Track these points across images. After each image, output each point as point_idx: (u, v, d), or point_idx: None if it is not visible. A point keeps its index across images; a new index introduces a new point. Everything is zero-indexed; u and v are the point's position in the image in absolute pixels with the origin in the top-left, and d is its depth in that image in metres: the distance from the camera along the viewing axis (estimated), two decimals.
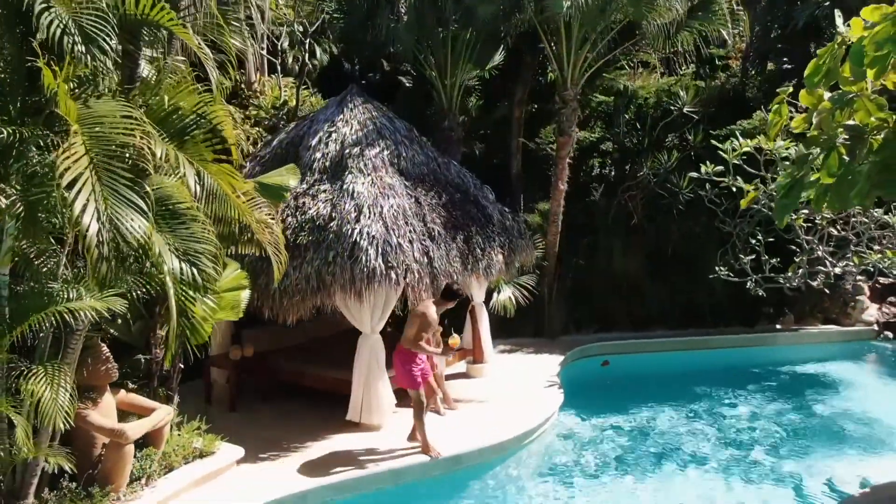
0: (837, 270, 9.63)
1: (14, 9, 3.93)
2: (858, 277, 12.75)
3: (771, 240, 10.71)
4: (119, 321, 6.52)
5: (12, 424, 4.92)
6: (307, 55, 15.71)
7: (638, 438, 8.78)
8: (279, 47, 16.01)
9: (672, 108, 13.35)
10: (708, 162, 10.71)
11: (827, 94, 4.36)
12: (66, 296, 4.74)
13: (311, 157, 8.54)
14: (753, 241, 10.64)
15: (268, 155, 9.06)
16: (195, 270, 4.07)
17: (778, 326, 13.45)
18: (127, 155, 3.86)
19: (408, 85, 15.75)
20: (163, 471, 6.11)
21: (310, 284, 7.44)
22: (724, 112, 13.34)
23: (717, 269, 10.84)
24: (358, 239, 7.41)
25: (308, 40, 15.47)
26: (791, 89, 4.80)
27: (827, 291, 11.54)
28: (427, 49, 11.72)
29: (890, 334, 13.34)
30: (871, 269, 9.78)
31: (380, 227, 7.56)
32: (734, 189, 10.00)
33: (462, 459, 7.34)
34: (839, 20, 3.92)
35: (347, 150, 8.45)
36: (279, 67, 15.93)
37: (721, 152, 10.11)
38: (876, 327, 13.51)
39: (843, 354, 12.78)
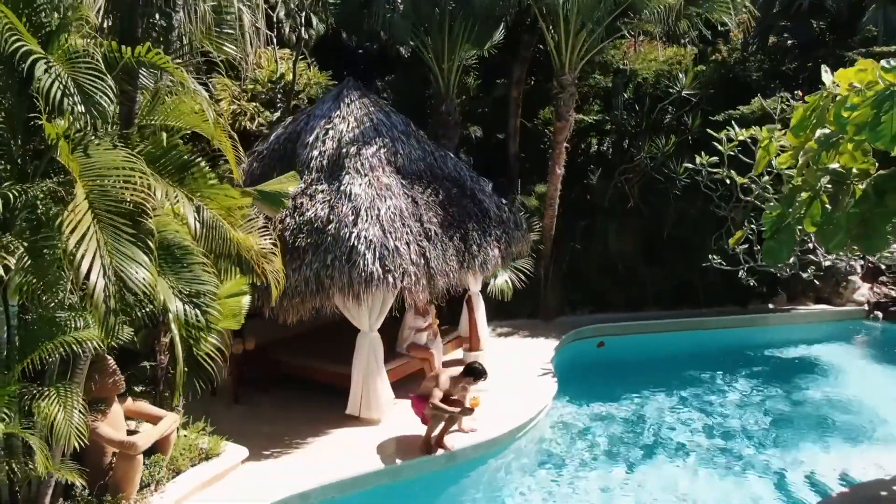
0: (828, 263, 9.79)
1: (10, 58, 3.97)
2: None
3: (764, 228, 10.86)
4: None
5: (28, 443, 5.14)
6: (303, 29, 15.52)
7: (628, 428, 9.07)
8: (275, 17, 15.79)
9: (671, 90, 13.28)
10: (703, 153, 10.79)
11: (818, 132, 4.44)
12: (73, 325, 4.91)
13: (308, 155, 8.61)
14: (746, 230, 10.74)
15: (266, 151, 9.11)
16: (198, 312, 4.24)
17: (770, 306, 13.68)
18: (128, 202, 3.96)
19: (406, 55, 15.59)
20: (171, 475, 6.37)
21: (309, 287, 7.62)
22: (724, 93, 13.28)
23: (710, 257, 10.99)
24: (355, 243, 7.54)
25: (304, 12, 15.23)
26: (779, 126, 4.88)
27: (817, 283, 11.74)
28: (423, 33, 11.62)
29: (880, 314, 13.57)
30: (862, 260, 9.94)
31: (377, 230, 7.68)
32: (728, 181, 10.09)
33: (457, 455, 7.62)
34: (826, 76, 3.98)
35: (345, 149, 8.50)
36: (275, 39, 15.74)
37: (716, 143, 10.16)
38: (866, 307, 13.74)
39: (834, 335, 13.04)
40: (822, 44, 13.52)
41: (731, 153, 10.07)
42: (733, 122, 10.60)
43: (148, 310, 4.03)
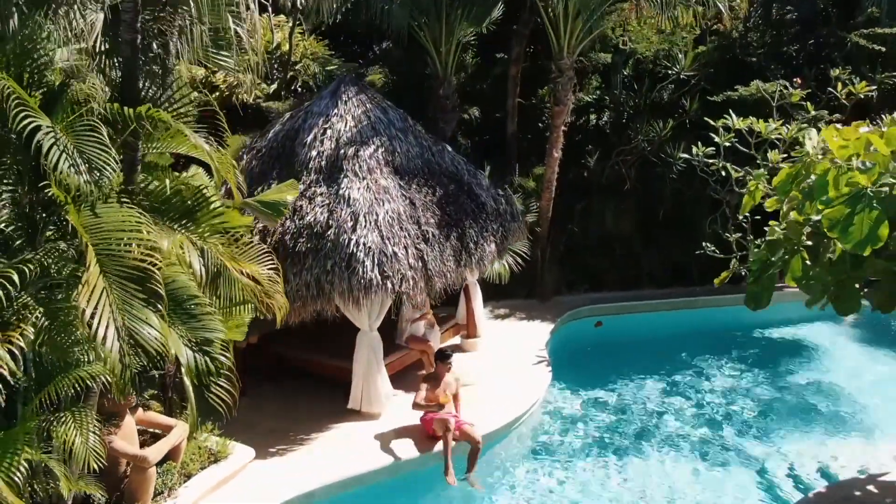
0: None
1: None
2: None
3: (758, 217, 11.01)
4: None
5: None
6: None
7: (619, 416, 9.45)
8: None
9: (670, 72, 13.21)
10: (701, 136, 10.85)
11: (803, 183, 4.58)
12: (86, 358, 5.13)
13: (306, 155, 8.70)
14: (741, 218, 10.90)
15: (264, 149, 9.18)
16: (208, 359, 4.46)
17: None
18: (137, 260, 4.13)
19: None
20: (182, 479, 6.71)
21: (310, 291, 7.85)
22: (724, 72, 13.21)
23: (704, 244, 11.18)
24: (354, 250, 7.72)
25: None
26: (766, 173, 5.01)
27: None
28: (420, 15, 11.51)
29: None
30: None
31: (375, 236, 7.84)
32: (723, 174, 10.20)
33: (454, 450, 7.94)
34: (809, 142, 4.09)
35: (342, 150, 8.59)
36: (270, 6, 15.50)
37: (712, 134, 10.24)
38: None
39: (824, 313, 13.26)
40: (826, 21, 13.37)
41: (728, 144, 10.19)
42: (731, 111, 10.63)
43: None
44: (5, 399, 5.03)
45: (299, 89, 15.60)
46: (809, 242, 4.26)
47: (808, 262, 4.25)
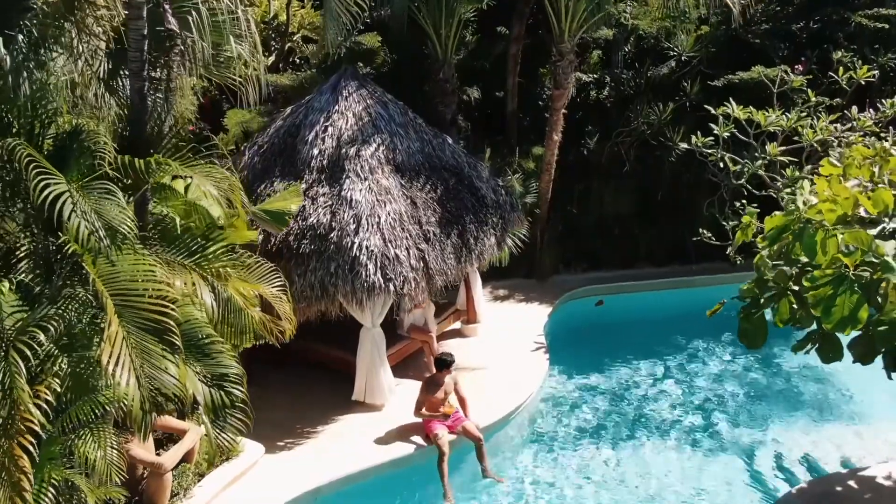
0: None
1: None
2: None
3: (755, 206, 11.12)
4: None
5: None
6: None
7: (615, 401, 9.80)
8: None
9: (671, 52, 13.11)
10: (699, 133, 10.89)
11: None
12: (103, 382, 5.36)
13: (308, 154, 8.78)
14: (738, 205, 11.02)
15: (266, 145, 9.24)
16: (223, 393, 4.69)
17: None
18: (152, 308, 4.31)
19: None
20: (196, 479, 7.04)
21: (314, 292, 8.05)
22: (726, 52, 13.10)
23: (700, 231, 11.33)
24: (357, 253, 7.89)
25: None
26: (756, 217, 5.13)
27: None
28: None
29: None
30: None
31: (377, 239, 8.00)
32: (721, 165, 10.28)
33: (453, 443, 8.29)
34: (800, 199, 4.22)
35: (344, 149, 8.67)
36: None
37: (712, 124, 10.28)
38: None
39: None
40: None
41: (726, 135, 10.25)
42: (731, 99, 10.61)
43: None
44: None
45: (297, 61, 15.50)
46: (796, 287, 4.43)
47: (794, 306, 4.43)
